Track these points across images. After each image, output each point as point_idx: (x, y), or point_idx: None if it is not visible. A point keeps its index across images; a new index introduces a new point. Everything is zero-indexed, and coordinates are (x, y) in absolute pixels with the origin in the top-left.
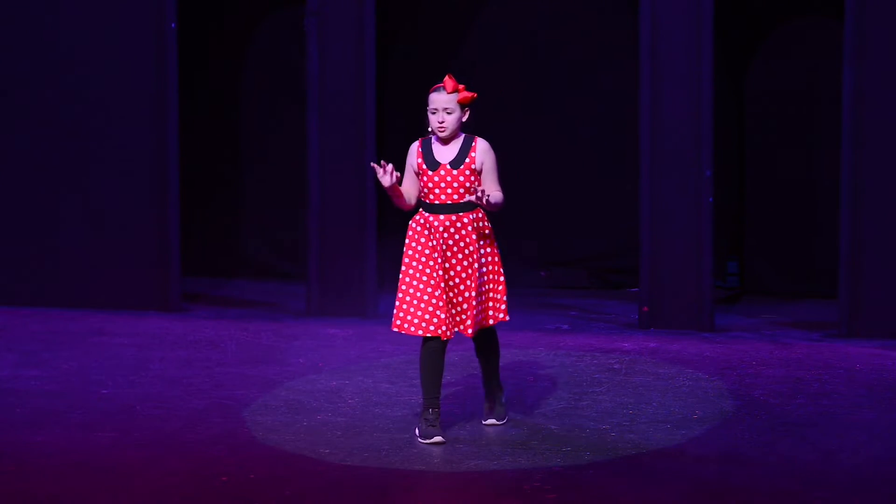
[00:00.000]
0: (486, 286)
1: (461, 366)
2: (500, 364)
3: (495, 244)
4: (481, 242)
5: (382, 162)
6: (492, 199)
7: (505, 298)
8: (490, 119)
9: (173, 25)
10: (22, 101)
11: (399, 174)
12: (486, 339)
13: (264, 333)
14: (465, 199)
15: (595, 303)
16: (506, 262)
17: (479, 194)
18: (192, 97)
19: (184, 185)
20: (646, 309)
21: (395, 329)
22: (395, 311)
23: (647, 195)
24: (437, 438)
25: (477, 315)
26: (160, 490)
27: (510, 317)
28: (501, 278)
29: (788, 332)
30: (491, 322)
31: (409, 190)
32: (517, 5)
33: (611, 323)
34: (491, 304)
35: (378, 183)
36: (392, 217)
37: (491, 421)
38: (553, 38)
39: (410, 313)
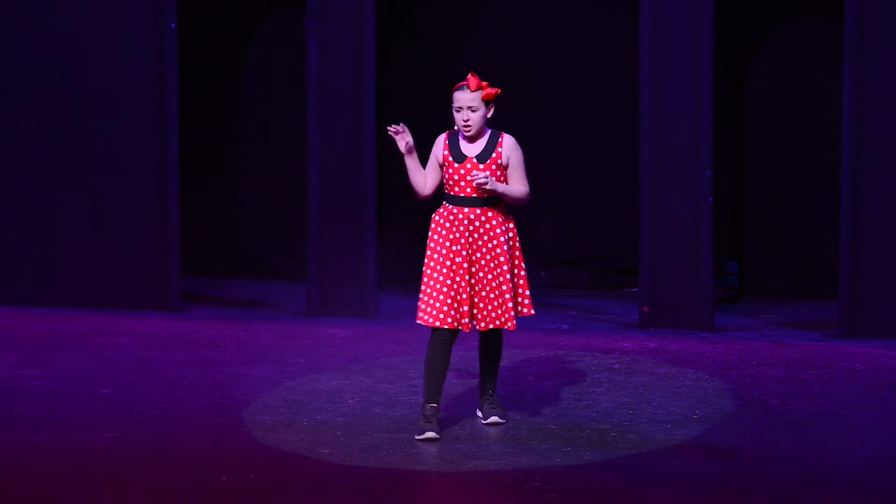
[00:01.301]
0: (512, 281)
1: (461, 366)
2: (501, 363)
3: (517, 239)
4: (507, 237)
5: (396, 127)
6: (499, 190)
7: (528, 293)
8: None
9: (173, 25)
10: (22, 101)
11: (412, 143)
12: (493, 337)
13: (264, 333)
14: (489, 193)
15: (595, 303)
16: None
17: (484, 179)
18: (193, 97)
19: (184, 185)
20: (646, 309)
21: (417, 321)
22: (418, 303)
23: (647, 195)
24: (430, 434)
25: (504, 307)
26: (160, 490)
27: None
28: (524, 272)
29: (788, 332)
30: (523, 312)
31: (430, 176)
32: (517, 5)
33: (611, 323)
34: (518, 298)
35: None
36: (392, 217)
37: (493, 419)
38: (553, 38)
39: (428, 304)
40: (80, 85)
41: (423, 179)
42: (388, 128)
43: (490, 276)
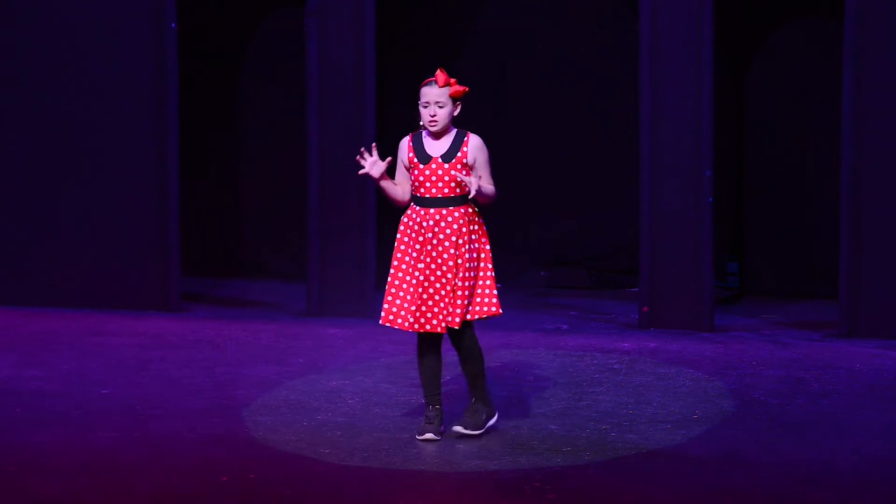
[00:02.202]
0: (474, 281)
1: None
2: (500, 364)
3: (485, 239)
4: (472, 237)
5: (364, 151)
6: (483, 190)
7: (494, 292)
8: (489, 118)
9: (173, 25)
10: (22, 101)
11: (391, 158)
12: (458, 340)
13: (264, 333)
14: (455, 193)
15: (595, 303)
16: (505, 261)
17: (470, 180)
18: (193, 97)
19: (184, 184)
20: (646, 309)
21: (381, 322)
22: (382, 303)
23: (648, 195)
24: (428, 435)
25: (465, 306)
26: (160, 490)
27: (506, 315)
28: (490, 272)
29: (788, 332)
30: (478, 314)
31: (404, 184)
32: (517, 5)
33: (611, 323)
34: (478, 298)
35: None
36: (392, 217)
37: (456, 428)
38: (553, 38)
39: (396, 305)
40: (80, 84)
41: (401, 191)
42: (358, 157)
43: (445, 279)
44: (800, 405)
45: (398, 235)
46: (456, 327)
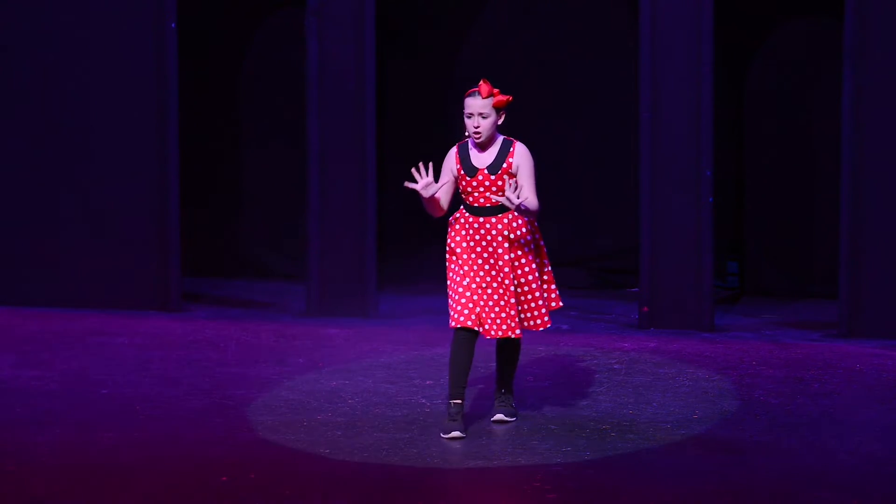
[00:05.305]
0: (526, 288)
1: None
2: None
3: (539, 246)
4: (521, 242)
5: (421, 167)
6: (527, 205)
7: (554, 287)
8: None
9: (173, 25)
10: (22, 101)
11: (444, 183)
12: (511, 342)
13: (264, 333)
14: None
15: (595, 303)
16: None
17: (511, 197)
18: (193, 97)
19: (184, 185)
20: (646, 309)
21: (452, 324)
22: (450, 306)
23: (647, 195)
24: (455, 433)
25: (512, 317)
26: (160, 490)
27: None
28: (544, 280)
29: (788, 332)
30: (532, 326)
31: (445, 195)
32: (517, 5)
33: (611, 323)
34: (527, 308)
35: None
36: (392, 217)
37: (498, 416)
38: (553, 38)
39: (459, 303)
40: (80, 84)
41: (440, 206)
42: (413, 170)
43: (496, 284)
44: (800, 405)
45: (451, 241)
46: (518, 337)
